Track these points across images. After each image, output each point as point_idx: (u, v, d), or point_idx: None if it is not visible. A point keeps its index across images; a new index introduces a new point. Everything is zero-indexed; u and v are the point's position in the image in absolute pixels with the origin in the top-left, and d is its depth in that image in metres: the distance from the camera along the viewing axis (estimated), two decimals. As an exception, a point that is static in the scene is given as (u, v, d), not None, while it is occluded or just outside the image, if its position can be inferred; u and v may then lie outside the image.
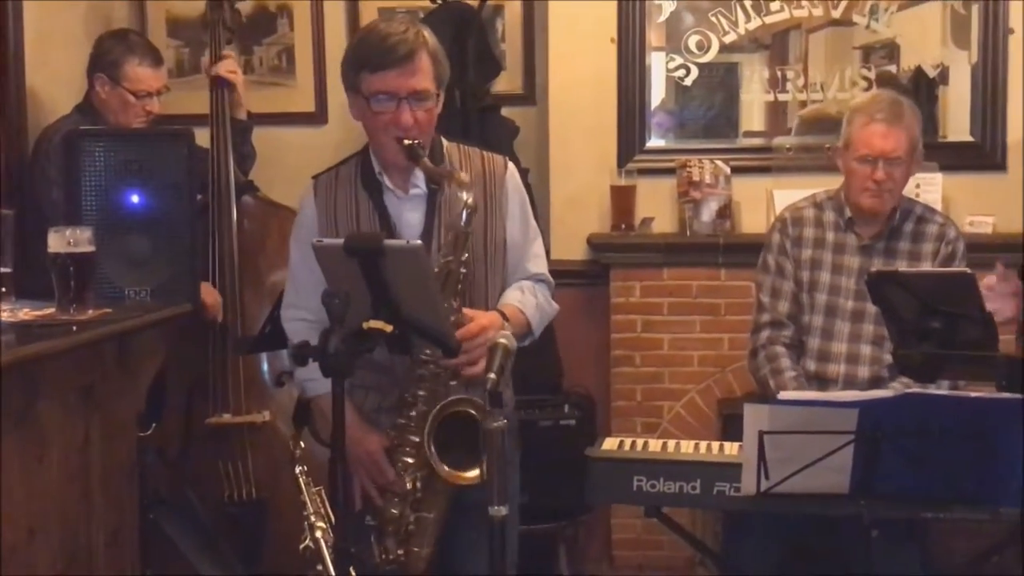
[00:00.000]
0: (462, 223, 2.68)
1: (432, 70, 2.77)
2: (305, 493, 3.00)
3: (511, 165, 2.98)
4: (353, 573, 2.53)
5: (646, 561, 4.51)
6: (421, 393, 2.71)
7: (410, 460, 2.74)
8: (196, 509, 3.92)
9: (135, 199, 3.18)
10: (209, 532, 3.91)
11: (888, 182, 3.48)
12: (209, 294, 3.88)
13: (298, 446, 3.03)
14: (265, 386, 4.09)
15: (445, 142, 2.93)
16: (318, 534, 2.94)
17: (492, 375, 2.25)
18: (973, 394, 2.77)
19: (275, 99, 4.85)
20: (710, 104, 4.63)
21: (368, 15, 4.83)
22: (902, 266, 3.51)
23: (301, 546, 2.94)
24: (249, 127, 4.27)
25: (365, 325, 2.28)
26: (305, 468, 3.00)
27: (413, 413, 2.73)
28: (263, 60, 4.91)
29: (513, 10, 4.82)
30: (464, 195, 2.67)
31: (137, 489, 3.07)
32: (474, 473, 2.64)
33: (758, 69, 4.61)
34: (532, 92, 4.80)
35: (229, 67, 4.14)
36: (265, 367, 4.09)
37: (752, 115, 4.66)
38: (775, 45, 4.59)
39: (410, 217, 2.83)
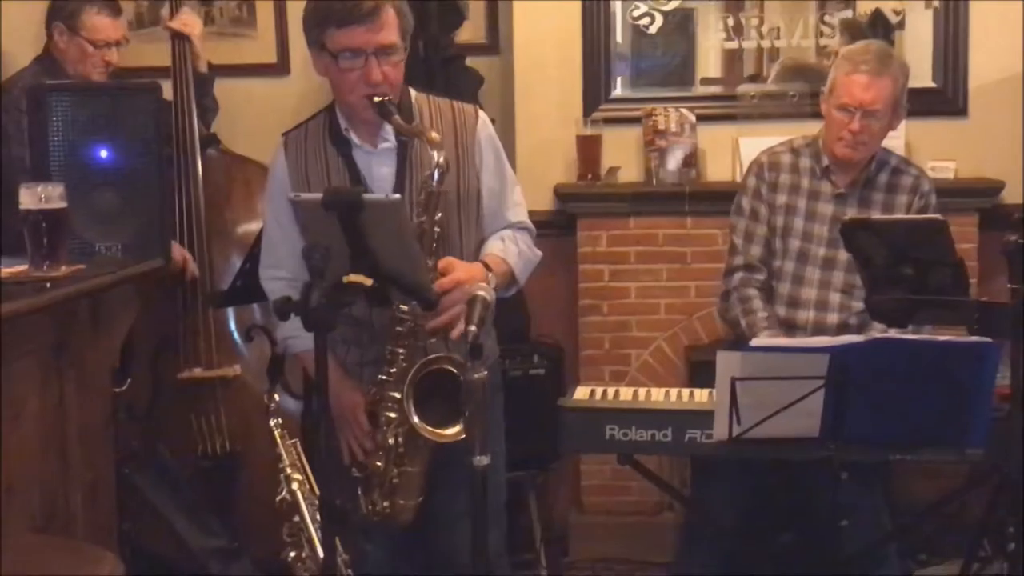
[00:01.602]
0: (434, 183, 2.68)
1: (397, 23, 2.75)
2: (280, 446, 3.03)
3: (482, 114, 2.98)
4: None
5: (615, 507, 4.55)
6: (400, 350, 2.72)
7: (392, 415, 2.77)
8: (168, 464, 3.93)
9: (103, 154, 3.16)
10: (182, 486, 3.92)
11: (864, 134, 3.48)
12: (176, 251, 3.86)
13: (272, 399, 3.05)
14: (234, 340, 4.09)
15: (414, 93, 2.92)
16: (294, 486, 2.98)
17: (472, 327, 2.26)
18: (941, 338, 2.83)
19: (236, 50, 4.78)
20: (674, 52, 4.63)
21: (330, -37, 4.79)
22: (875, 216, 3.55)
23: (278, 498, 2.98)
24: (210, 79, 4.24)
25: (345, 279, 2.28)
26: (280, 421, 3.03)
27: (393, 369, 2.74)
28: (223, 11, 4.83)
29: (476, -42, 4.78)
30: (436, 154, 2.67)
31: (112, 445, 3.07)
32: (454, 430, 2.66)
33: (715, 15, 4.61)
34: (496, 42, 4.77)
35: (184, 20, 4.10)
36: (232, 321, 4.09)
37: (708, 62, 4.66)
38: (728, -9, 4.59)
39: (380, 171, 2.83)
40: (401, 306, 2.67)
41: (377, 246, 2.42)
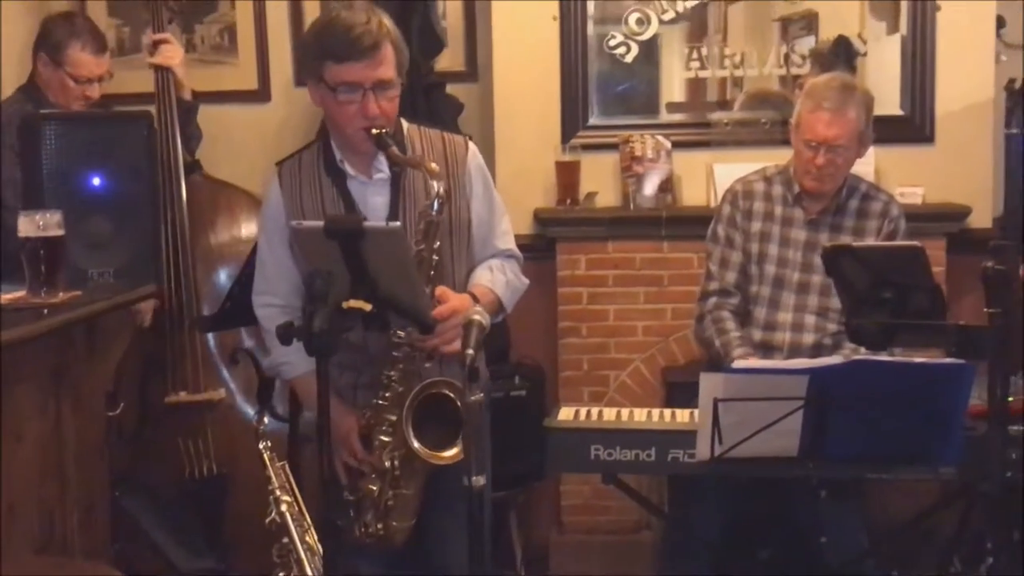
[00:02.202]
0: (433, 212, 2.74)
1: (394, 59, 2.82)
2: (270, 468, 3.07)
3: (472, 145, 3.04)
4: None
5: (594, 526, 4.61)
6: (395, 374, 2.78)
7: (387, 439, 2.82)
8: (156, 487, 3.97)
9: (96, 181, 3.22)
10: (169, 509, 3.96)
11: (829, 167, 3.58)
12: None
13: (262, 422, 3.10)
14: (217, 364, 4.12)
15: (406, 125, 2.98)
16: (283, 507, 3.02)
17: (470, 351, 2.33)
18: (917, 360, 2.92)
19: (217, 77, 4.84)
20: (641, 79, 4.71)
21: (310, -9, 4.88)
22: (847, 241, 3.63)
23: (267, 519, 3.02)
24: (194, 108, 4.28)
25: (345, 304, 2.34)
26: (269, 444, 3.07)
27: (389, 393, 2.80)
28: (204, 38, 4.90)
29: (454, -12, 4.86)
30: (435, 184, 2.73)
31: (107, 467, 3.12)
32: (452, 452, 2.73)
33: (679, 43, 4.69)
34: (474, 69, 4.85)
35: (165, 53, 4.14)
36: (216, 345, 4.13)
37: (673, 89, 4.74)
38: (694, 18, 4.66)
39: (375, 201, 2.89)
40: (398, 331, 2.73)
41: (377, 272, 2.49)
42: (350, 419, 2.87)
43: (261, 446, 3.07)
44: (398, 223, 2.65)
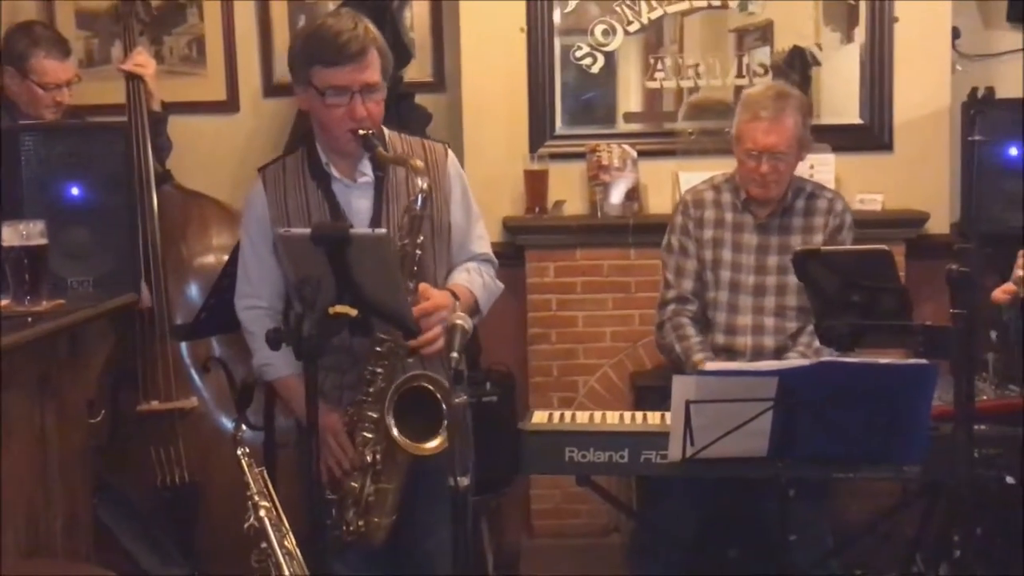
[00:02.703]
0: (418, 207, 2.82)
1: (380, 63, 2.91)
2: (248, 474, 3.10)
3: (451, 152, 3.13)
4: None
5: (564, 529, 4.67)
6: (379, 370, 2.84)
7: (369, 435, 2.87)
8: (128, 495, 3.98)
9: (74, 191, 3.25)
10: (142, 517, 3.97)
11: (773, 174, 3.67)
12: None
13: (240, 429, 3.13)
14: (189, 372, 4.14)
15: (387, 131, 3.05)
16: (262, 513, 3.05)
17: (455, 354, 2.39)
18: (883, 360, 3.00)
19: (186, 88, 4.87)
20: (599, 89, 4.78)
21: (278, 4, 4.91)
22: (796, 240, 3.75)
23: (246, 525, 3.05)
24: (164, 119, 4.30)
25: (331, 310, 2.39)
26: (247, 450, 3.10)
27: (372, 389, 2.86)
28: (173, 50, 4.93)
29: (420, -2, 4.91)
30: (419, 180, 2.81)
31: (90, 475, 3.14)
32: (433, 444, 2.79)
33: (636, 54, 4.77)
34: (442, 80, 4.90)
35: (138, 61, 4.16)
36: (187, 354, 4.15)
37: (630, 99, 4.81)
38: (650, 29, 4.73)
39: (359, 204, 2.96)
40: (381, 335, 2.79)
41: (362, 278, 2.55)
42: (332, 416, 2.92)
43: (239, 452, 3.09)
44: (384, 230, 2.71)
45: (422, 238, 2.86)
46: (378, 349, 2.84)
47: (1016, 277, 2.95)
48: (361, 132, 2.84)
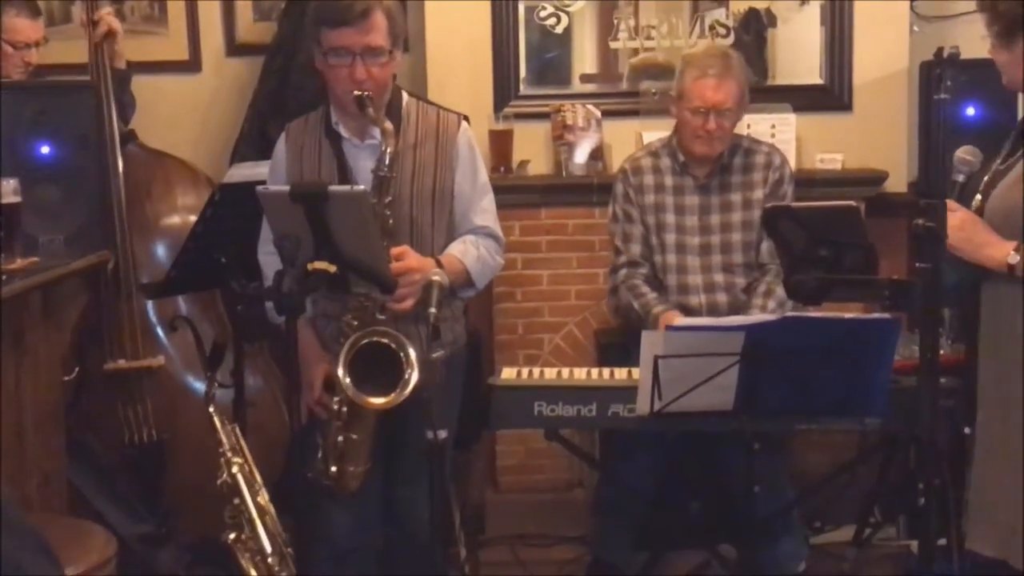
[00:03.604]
0: (385, 168, 2.87)
1: (387, 27, 2.97)
2: (220, 430, 3.12)
3: (465, 124, 3.21)
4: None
5: (529, 485, 4.73)
6: (354, 323, 2.89)
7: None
8: (95, 452, 3.99)
9: (44, 150, 3.25)
10: (109, 474, 3.99)
11: (718, 131, 3.76)
12: None
13: (212, 386, 3.16)
14: (156, 331, 4.15)
15: (406, 97, 3.14)
16: (235, 469, 3.08)
17: (432, 310, 2.43)
18: (847, 315, 3.08)
19: (148, 48, 4.82)
20: (556, 50, 4.80)
21: (239, -37, 4.89)
22: (737, 197, 3.84)
23: (219, 481, 3.08)
24: (128, 76, 4.29)
25: (310, 266, 2.42)
26: (217, 407, 3.13)
27: (343, 340, 2.91)
28: (135, 9, 4.89)
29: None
30: (384, 143, 2.88)
31: (64, 432, 3.15)
32: (380, 400, 2.83)
33: (590, 15, 4.79)
34: (405, 40, 4.89)
35: (110, 20, 4.13)
36: (153, 313, 4.16)
37: (585, 60, 4.83)
38: (607, -9, 4.75)
39: (365, 164, 3.02)
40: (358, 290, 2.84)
41: (340, 235, 2.58)
42: (320, 364, 3.01)
43: (211, 409, 3.12)
44: (362, 187, 2.75)
45: (390, 198, 2.90)
46: (353, 303, 2.89)
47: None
48: (356, 93, 2.89)
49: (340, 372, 2.88)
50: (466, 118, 3.27)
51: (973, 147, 3.00)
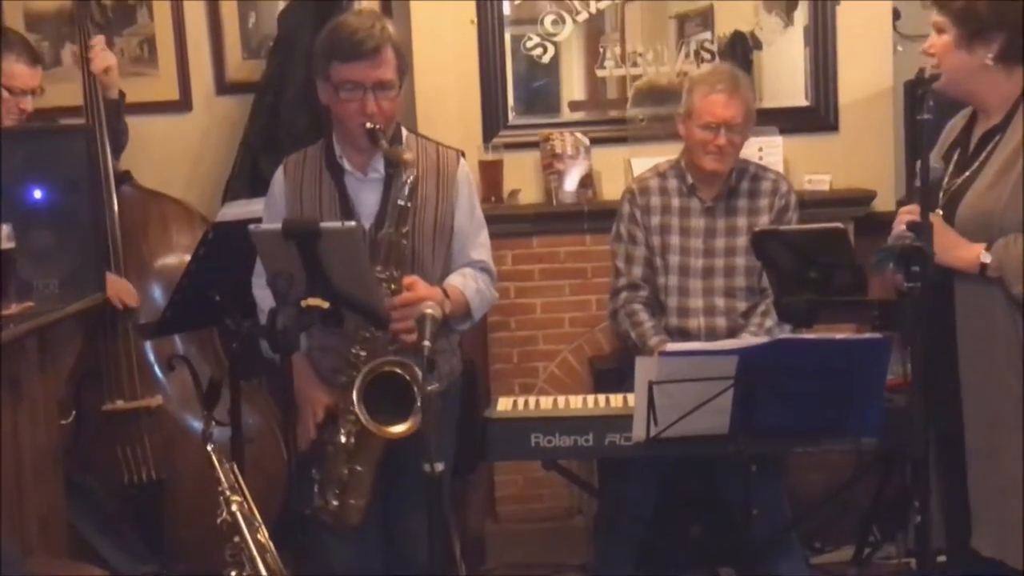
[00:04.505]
0: (404, 198, 2.91)
1: (395, 62, 3.03)
2: (219, 469, 3.13)
3: (463, 160, 3.25)
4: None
5: (528, 514, 4.73)
6: (362, 354, 2.92)
7: (351, 417, 2.94)
8: (96, 494, 4.00)
9: (37, 194, 3.25)
10: (109, 515, 3.99)
11: (729, 147, 3.79)
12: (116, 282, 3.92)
13: (210, 424, 3.17)
14: (153, 371, 4.16)
15: (404, 132, 3.18)
16: (234, 507, 3.09)
17: (427, 343, 2.45)
18: (838, 336, 3.10)
19: (139, 88, 4.83)
20: (544, 78, 4.85)
21: (228, 3, 4.92)
22: (742, 222, 3.86)
23: (219, 519, 3.09)
24: (121, 104, 4.28)
25: (303, 303, 2.44)
26: (216, 445, 3.14)
27: (354, 373, 2.93)
28: (124, 51, 4.91)
29: (369, -6, 4.93)
30: (405, 172, 2.91)
31: (62, 475, 3.16)
32: (400, 428, 2.85)
33: (577, 43, 4.83)
34: (402, 73, 4.94)
35: (104, 56, 4.14)
36: (151, 352, 4.17)
37: (573, 87, 4.89)
38: (593, 17, 4.78)
39: (367, 198, 3.07)
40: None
41: (333, 270, 2.60)
42: (319, 392, 3.03)
43: (209, 448, 3.13)
44: (354, 223, 2.77)
45: (407, 228, 2.94)
46: (363, 334, 2.92)
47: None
48: (368, 126, 2.94)
49: (355, 402, 2.90)
50: (463, 153, 3.30)
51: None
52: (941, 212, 3.00)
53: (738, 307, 3.85)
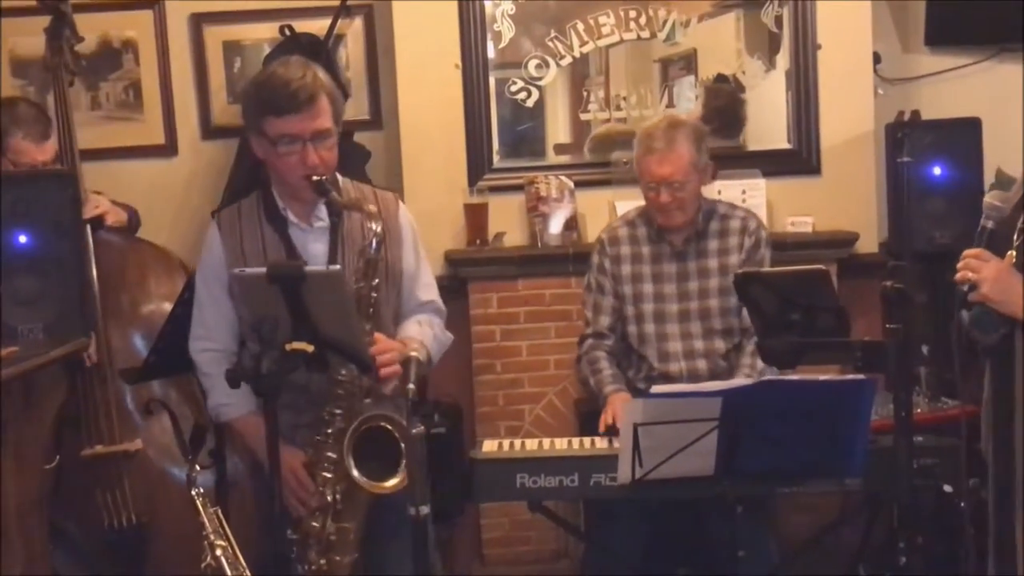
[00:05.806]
0: (372, 250, 2.88)
1: (331, 109, 2.97)
2: (203, 513, 3.12)
3: (400, 201, 3.22)
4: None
5: (515, 557, 4.72)
6: (338, 411, 2.89)
7: (328, 475, 2.92)
8: (77, 540, 3.97)
9: (22, 239, 3.25)
10: (91, 562, 3.96)
11: (674, 203, 3.78)
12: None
13: (194, 469, 3.16)
14: (131, 415, 4.13)
15: (340, 178, 3.12)
16: (218, 552, 3.08)
17: (411, 386, 2.45)
18: (822, 377, 3.10)
19: (124, 133, 4.90)
20: (528, 122, 4.88)
21: (213, 47, 4.94)
22: (713, 263, 3.86)
23: (203, 564, 3.07)
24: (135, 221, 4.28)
25: (288, 347, 2.44)
26: (201, 490, 3.13)
27: (330, 430, 2.91)
28: (110, 95, 4.94)
29: (355, 38, 4.95)
30: (372, 224, 2.87)
31: (47, 522, 3.14)
32: (393, 482, 2.83)
33: (562, 86, 4.88)
34: (379, 117, 4.96)
35: (98, 203, 4.03)
36: (129, 397, 4.14)
37: (558, 131, 4.93)
38: (577, 61, 4.83)
39: (316, 248, 3.01)
40: (341, 370, 2.84)
41: (318, 315, 2.60)
42: (294, 455, 2.97)
43: (193, 492, 3.11)
44: (338, 266, 2.77)
45: (377, 280, 2.92)
46: (339, 392, 2.89)
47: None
48: (314, 178, 2.90)
49: (347, 461, 2.87)
50: (400, 197, 3.29)
51: (1000, 191, 2.88)
52: (1014, 255, 2.75)
53: (717, 348, 3.85)
